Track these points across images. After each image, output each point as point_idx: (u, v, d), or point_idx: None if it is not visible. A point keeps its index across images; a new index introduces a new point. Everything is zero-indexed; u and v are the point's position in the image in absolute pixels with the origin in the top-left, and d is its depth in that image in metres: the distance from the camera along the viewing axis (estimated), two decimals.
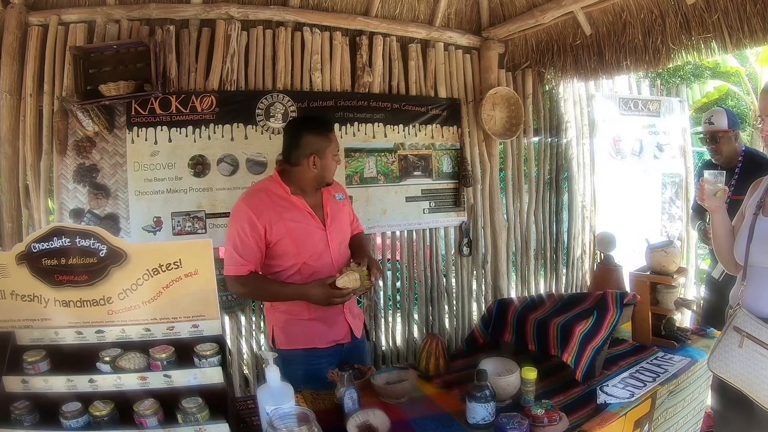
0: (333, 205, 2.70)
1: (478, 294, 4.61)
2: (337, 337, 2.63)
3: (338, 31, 3.83)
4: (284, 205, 2.53)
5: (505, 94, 4.42)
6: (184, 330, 1.80)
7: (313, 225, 2.57)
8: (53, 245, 1.76)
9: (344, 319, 2.66)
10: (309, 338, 2.57)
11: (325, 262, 2.58)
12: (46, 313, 1.78)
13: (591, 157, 5.05)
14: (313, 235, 2.56)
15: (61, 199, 3.19)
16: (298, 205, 2.56)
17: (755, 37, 3.31)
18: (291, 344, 2.58)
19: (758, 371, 1.99)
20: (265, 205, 2.50)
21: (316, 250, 2.57)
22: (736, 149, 3.56)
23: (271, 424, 1.38)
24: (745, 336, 2.05)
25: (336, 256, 2.63)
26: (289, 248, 2.52)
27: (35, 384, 1.67)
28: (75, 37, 3.16)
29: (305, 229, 2.55)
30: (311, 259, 2.55)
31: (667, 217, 5.57)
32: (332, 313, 2.60)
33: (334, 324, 2.63)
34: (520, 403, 2.00)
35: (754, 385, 2.01)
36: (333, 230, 2.64)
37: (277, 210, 2.50)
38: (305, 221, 2.56)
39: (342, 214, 2.75)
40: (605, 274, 3.22)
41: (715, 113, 3.61)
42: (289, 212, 2.53)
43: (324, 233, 2.60)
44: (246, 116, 3.55)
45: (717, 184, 2.24)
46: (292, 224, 2.51)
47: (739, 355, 2.05)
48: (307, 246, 2.55)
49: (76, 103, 3.05)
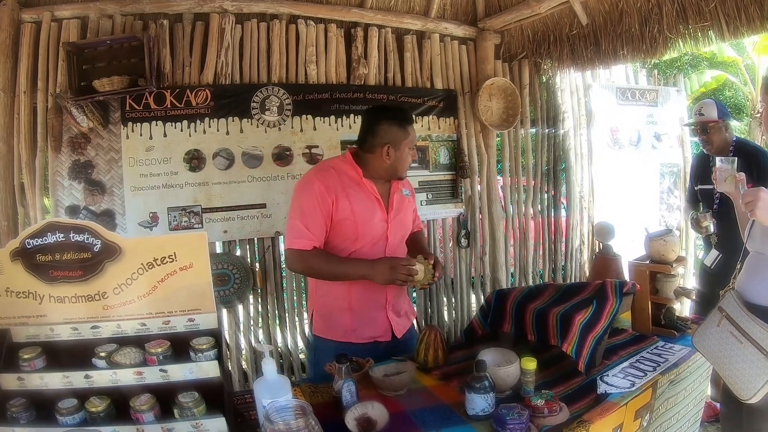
0: (399, 197, 2.64)
1: (476, 285, 4.61)
2: (375, 334, 2.57)
3: (333, 23, 3.81)
4: (353, 186, 2.48)
5: (502, 85, 4.40)
6: (180, 324, 1.79)
7: (377, 212, 2.52)
8: (47, 241, 1.75)
9: (385, 315, 2.58)
10: (345, 331, 2.53)
11: (378, 252, 2.52)
12: (41, 310, 1.77)
13: (588, 147, 5.05)
14: (374, 222, 2.50)
15: (56, 196, 3.18)
16: (368, 188, 2.51)
17: (752, 26, 3.30)
18: (326, 333, 2.57)
19: (727, 350, 2.03)
20: (334, 180, 2.45)
21: (373, 238, 2.52)
22: (726, 139, 3.57)
23: (267, 418, 1.37)
24: (724, 316, 2.08)
25: (392, 249, 2.58)
26: (349, 231, 2.46)
27: (31, 381, 1.66)
28: (68, 33, 3.15)
29: (368, 214, 2.48)
30: (366, 247, 2.49)
31: (665, 207, 5.56)
32: (373, 309, 2.56)
33: (374, 320, 2.57)
34: (519, 394, 1.98)
35: (722, 364, 2.05)
36: (395, 223, 2.58)
37: (345, 188, 2.45)
38: (371, 206, 2.50)
39: (406, 209, 2.69)
40: (604, 263, 3.21)
41: (704, 104, 3.63)
42: (357, 193, 2.47)
43: (385, 223, 2.54)
44: (241, 110, 3.55)
45: (728, 170, 2.25)
46: (357, 206, 2.45)
47: (716, 332, 2.09)
48: (366, 232, 2.49)
49: (70, 100, 3.03)
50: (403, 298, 2.70)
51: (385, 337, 2.59)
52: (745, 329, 1.98)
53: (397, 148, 2.47)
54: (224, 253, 3.60)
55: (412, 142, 2.53)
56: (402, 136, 2.47)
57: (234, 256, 3.60)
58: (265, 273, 3.71)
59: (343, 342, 2.50)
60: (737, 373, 1.98)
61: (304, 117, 3.77)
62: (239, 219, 3.56)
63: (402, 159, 2.50)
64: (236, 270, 3.55)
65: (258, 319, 3.73)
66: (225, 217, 3.53)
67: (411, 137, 2.51)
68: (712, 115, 3.54)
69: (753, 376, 1.93)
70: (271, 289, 3.76)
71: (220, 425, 1.57)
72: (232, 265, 3.55)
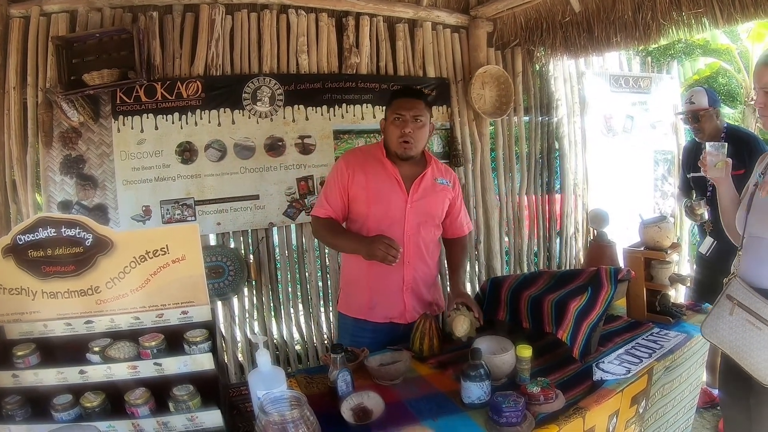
0: (429, 183, 2.62)
1: (471, 274, 4.61)
2: (391, 315, 2.59)
3: (324, 13, 3.79)
4: (373, 164, 2.56)
5: (495, 73, 4.39)
6: (174, 317, 1.79)
7: (395, 192, 2.54)
8: (39, 236, 1.74)
9: (401, 298, 2.59)
10: (362, 308, 2.60)
11: (396, 231, 2.51)
12: (34, 306, 1.77)
13: (582, 134, 5.05)
14: (389, 199, 2.53)
15: (48, 191, 3.16)
16: (388, 167, 2.55)
17: (746, 12, 3.30)
18: (347, 309, 2.69)
19: (746, 338, 2.02)
20: (356, 159, 2.59)
21: (389, 216, 2.53)
22: (718, 127, 3.56)
23: (262, 409, 1.37)
24: (736, 304, 2.07)
25: (411, 231, 2.57)
26: (361, 206, 2.54)
27: (26, 378, 1.65)
28: (57, 27, 3.12)
29: (383, 190, 2.52)
30: (382, 225, 2.51)
31: (659, 193, 5.58)
32: (390, 289, 2.58)
33: (391, 300, 2.59)
34: (515, 382, 1.99)
35: (742, 353, 2.04)
36: (416, 206, 2.56)
37: (365, 165, 2.55)
38: (387, 183, 2.54)
39: (435, 196, 2.65)
40: (599, 250, 3.23)
41: (695, 93, 3.61)
42: (377, 171, 2.54)
43: (404, 201, 2.54)
44: (233, 101, 3.53)
45: (718, 155, 2.25)
46: (372, 182, 2.52)
47: (730, 322, 2.08)
48: (380, 211, 2.52)
49: (61, 94, 3.01)
50: (431, 290, 2.73)
51: (401, 319, 2.60)
52: (763, 315, 1.98)
53: (387, 120, 2.57)
54: (218, 246, 3.59)
55: (395, 114, 2.52)
56: (389, 107, 2.57)
57: (228, 248, 3.59)
58: (260, 265, 3.70)
59: (360, 319, 2.61)
60: (759, 360, 1.98)
61: (296, 107, 3.74)
62: (232, 211, 3.55)
63: (388, 130, 2.56)
64: (230, 262, 3.54)
65: (253, 311, 3.73)
66: (218, 209, 3.52)
67: (394, 106, 2.54)
68: (703, 103, 3.53)
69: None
70: (265, 280, 3.75)
71: (216, 418, 1.57)
72: (226, 258, 3.54)
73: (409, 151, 2.52)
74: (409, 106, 2.49)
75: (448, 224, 2.78)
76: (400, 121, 2.49)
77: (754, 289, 2.03)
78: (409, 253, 2.57)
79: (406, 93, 2.60)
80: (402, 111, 2.49)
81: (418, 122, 2.50)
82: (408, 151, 2.52)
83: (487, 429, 1.71)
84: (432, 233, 2.67)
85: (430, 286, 2.73)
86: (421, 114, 2.51)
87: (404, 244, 2.52)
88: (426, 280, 2.68)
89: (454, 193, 2.76)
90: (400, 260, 2.46)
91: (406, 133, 2.48)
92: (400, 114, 2.49)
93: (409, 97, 2.55)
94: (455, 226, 2.80)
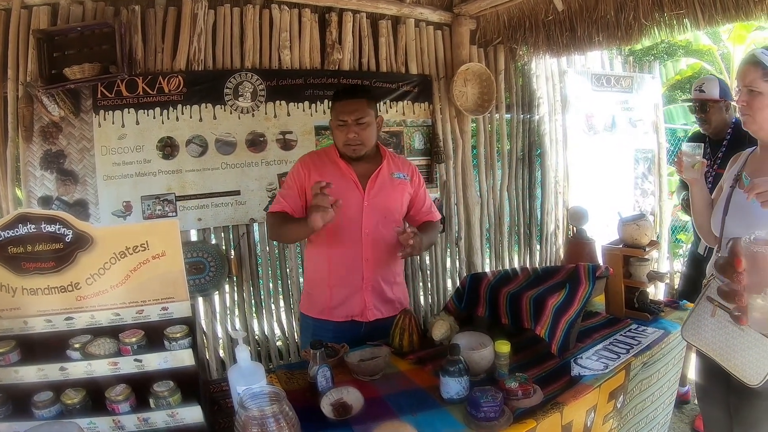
0: (385, 179, 2.63)
1: (452, 271, 4.65)
2: (351, 313, 2.60)
3: (307, 8, 3.78)
4: (329, 165, 2.58)
5: (477, 71, 4.41)
6: (154, 313, 1.79)
7: (350, 189, 2.55)
8: (19, 232, 1.73)
9: (362, 295, 2.61)
10: (324, 308, 2.62)
11: (353, 233, 2.56)
12: (14, 303, 1.75)
13: (564, 132, 5.09)
14: (344, 197, 2.44)
15: (28, 187, 3.13)
16: (342, 168, 2.57)
17: (728, 14, 3.34)
18: (308, 310, 2.70)
19: (728, 340, 2.04)
20: (312, 160, 2.62)
21: (346, 215, 2.50)
22: (725, 120, 3.43)
23: (242, 405, 1.38)
24: (717, 306, 2.08)
25: (369, 228, 2.57)
26: None
27: (6, 375, 1.64)
28: (38, 20, 3.08)
29: (338, 190, 2.42)
30: (340, 224, 2.48)
31: (639, 192, 5.64)
32: (351, 286, 2.59)
33: (351, 298, 2.60)
34: (494, 377, 2.01)
35: (724, 354, 2.05)
36: (373, 203, 2.58)
37: (321, 167, 2.57)
38: (343, 183, 2.52)
39: (394, 191, 2.66)
40: (578, 248, 3.25)
41: (706, 81, 3.47)
42: (330, 171, 2.56)
43: (361, 201, 2.56)
44: (214, 96, 3.51)
45: (695, 156, 2.26)
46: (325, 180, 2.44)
47: (711, 324, 2.09)
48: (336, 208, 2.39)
49: (41, 88, 2.98)
50: (393, 285, 2.71)
51: (362, 317, 2.61)
52: None
53: (332, 124, 2.57)
54: (199, 241, 3.58)
55: (339, 116, 2.52)
56: (332, 110, 2.58)
57: (209, 244, 3.59)
58: (240, 261, 3.70)
59: (320, 319, 2.62)
60: (743, 361, 1.99)
61: (277, 103, 3.74)
62: (213, 206, 3.55)
63: (334, 134, 2.58)
64: (211, 258, 3.54)
65: (234, 307, 3.73)
66: (199, 204, 3.51)
67: (336, 111, 2.54)
68: (714, 93, 3.38)
69: (760, 360, 1.94)
70: (246, 276, 3.74)
71: (196, 414, 1.57)
72: (207, 254, 3.53)
73: (358, 152, 2.55)
74: (351, 110, 2.49)
75: (414, 214, 2.80)
76: (344, 127, 2.51)
77: None
78: (368, 251, 2.59)
79: (346, 94, 2.56)
80: (343, 116, 2.50)
81: (361, 124, 2.50)
82: (357, 153, 2.56)
83: (465, 424, 1.73)
84: (392, 231, 2.60)
85: (393, 284, 2.72)
86: (364, 115, 2.50)
87: (362, 242, 2.57)
88: (387, 278, 2.69)
89: (415, 185, 2.78)
90: (359, 258, 2.53)
91: (351, 138, 2.51)
92: (342, 120, 2.50)
93: (349, 99, 2.53)
94: (422, 215, 2.81)
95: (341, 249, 2.59)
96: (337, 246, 2.58)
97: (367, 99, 2.56)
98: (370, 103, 2.57)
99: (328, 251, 2.61)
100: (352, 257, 2.58)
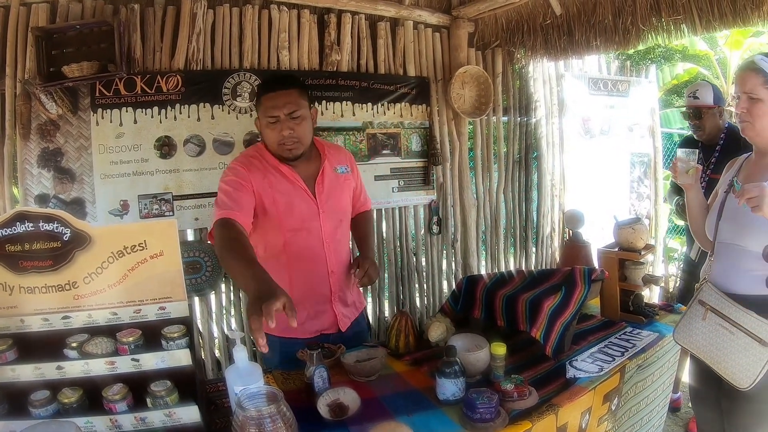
0: (331, 178, 2.43)
1: (448, 272, 4.66)
2: (320, 327, 2.44)
3: (306, 9, 3.77)
4: (272, 172, 2.29)
5: (475, 73, 4.42)
6: (151, 313, 1.79)
7: (303, 199, 2.32)
8: (17, 231, 1.73)
9: (331, 308, 2.45)
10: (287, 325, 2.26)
11: (313, 244, 2.36)
12: (11, 301, 1.75)
13: (560, 136, 5.10)
14: (300, 209, 2.30)
15: (25, 185, 3.12)
16: (287, 174, 2.30)
17: (725, 20, 3.35)
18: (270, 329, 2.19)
19: (719, 343, 2.06)
20: (256, 168, 2.27)
21: (303, 226, 2.32)
22: (719, 126, 3.44)
23: (239, 405, 1.39)
24: (708, 309, 2.11)
25: (329, 236, 2.40)
26: (274, 221, 2.27)
27: (3, 374, 1.65)
28: (37, 17, 3.06)
29: (292, 201, 2.28)
30: (297, 237, 2.31)
31: (635, 195, 5.66)
32: (319, 301, 2.42)
33: (321, 313, 2.44)
34: (489, 379, 2.02)
35: (715, 357, 2.08)
36: (327, 208, 2.37)
37: (268, 177, 2.26)
38: (294, 193, 2.30)
39: (342, 189, 2.47)
40: (574, 251, 3.27)
41: (700, 87, 3.47)
42: (276, 179, 2.28)
43: (315, 208, 2.34)
44: (212, 96, 3.50)
45: (689, 162, 2.28)
46: (278, 195, 2.26)
47: (702, 327, 2.11)
48: (292, 221, 2.29)
49: (39, 86, 2.97)
50: (350, 290, 2.57)
51: (332, 329, 2.48)
52: (735, 319, 2.01)
53: (261, 123, 2.30)
54: (196, 241, 3.58)
55: (267, 113, 2.23)
56: (258, 108, 2.29)
57: (205, 243, 3.57)
58: None
59: (286, 338, 2.28)
60: (733, 364, 2.01)
61: None
62: (210, 206, 3.51)
63: (265, 134, 2.29)
64: (208, 258, 3.53)
65: (230, 307, 3.72)
66: (196, 204, 3.50)
67: (265, 106, 2.24)
68: (708, 99, 3.39)
69: (750, 364, 1.97)
70: None
71: (193, 413, 1.58)
72: (204, 253, 3.53)
73: (295, 152, 2.28)
74: (282, 103, 2.21)
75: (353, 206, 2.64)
76: (276, 123, 2.23)
77: (729, 295, 2.07)
78: (332, 262, 2.43)
79: (274, 85, 2.27)
80: (274, 112, 2.21)
81: (296, 119, 2.24)
82: (294, 153, 2.28)
83: (461, 425, 1.74)
84: (345, 232, 2.54)
85: (352, 287, 2.58)
86: (297, 107, 2.23)
87: (325, 254, 2.40)
88: (347, 283, 2.53)
89: (356, 176, 2.62)
90: (325, 272, 2.39)
91: (286, 136, 2.23)
92: (274, 116, 2.22)
93: (279, 90, 2.24)
94: (357, 207, 2.69)
95: (303, 265, 2.37)
96: (299, 262, 2.35)
97: (299, 88, 2.30)
98: (302, 92, 2.30)
99: (290, 270, 2.35)
100: (317, 272, 2.41)
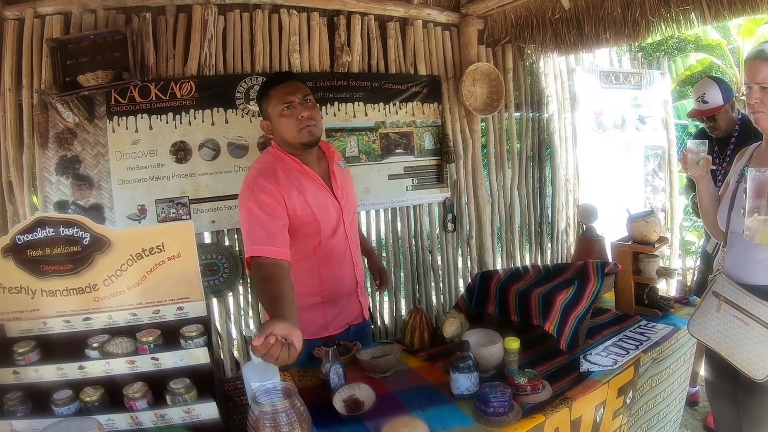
0: (339, 173, 2.44)
1: (463, 270, 4.67)
2: (349, 319, 2.52)
3: (316, 12, 3.81)
4: (298, 177, 2.26)
5: (486, 70, 4.42)
6: (170, 313, 1.83)
7: (327, 195, 2.32)
8: (37, 236, 1.78)
9: (357, 299, 2.56)
10: (320, 326, 2.38)
11: (339, 241, 2.38)
12: (33, 304, 1.81)
13: (573, 130, 5.07)
14: (329, 209, 2.31)
15: (44, 192, 3.18)
16: (309, 174, 2.29)
17: (734, 9, 3.31)
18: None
19: (734, 335, 2.05)
20: (281, 179, 2.22)
21: (332, 226, 2.33)
22: (733, 119, 3.40)
23: (254, 400, 1.42)
24: (722, 301, 2.09)
25: (351, 234, 2.45)
26: (312, 227, 2.27)
27: (26, 374, 1.69)
28: (51, 29, 3.13)
29: (322, 202, 2.27)
30: (327, 238, 2.33)
31: (650, 189, 5.62)
32: (346, 293, 2.49)
33: (348, 305, 2.52)
34: (503, 373, 2.02)
35: (731, 348, 2.06)
36: (345, 203, 2.40)
37: (294, 183, 2.23)
38: (320, 192, 2.30)
39: (349, 183, 2.50)
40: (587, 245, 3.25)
41: (706, 89, 3.41)
42: (305, 183, 2.27)
43: (338, 206, 2.36)
44: (226, 100, 3.54)
45: (699, 153, 2.26)
46: (309, 197, 2.24)
47: (717, 319, 2.10)
48: (326, 223, 2.30)
49: (56, 96, 3.03)
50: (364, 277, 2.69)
51: (357, 320, 2.58)
52: (750, 311, 2.00)
53: (273, 117, 2.27)
54: (213, 243, 3.62)
55: (282, 101, 2.23)
56: (268, 104, 2.29)
57: (222, 245, 3.62)
58: None
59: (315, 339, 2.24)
60: (749, 355, 2.00)
61: None
62: (227, 209, 3.57)
63: (281, 125, 2.26)
64: (225, 259, 3.57)
65: (248, 307, 3.76)
66: (212, 207, 3.54)
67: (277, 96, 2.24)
68: (717, 100, 3.34)
69: (766, 355, 1.96)
70: None
71: (211, 410, 1.61)
72: (221, 255, 3.57)
73: (316, 132, 2.27)
74: (294, 89, 2.24)
75: None
76: (292, 108, 2.22)
77: (744, 286, 2.05)
78: (355, 255, 2.51)
79: (281, 77, 2.32)
80: (289, 98, 2.22)
81: (309, 103, 2.26)
82: (315, 133, 2.27)
83: (475, 419, 1.75)
84: (356, 223, 2.61)
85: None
86: (308, 93, 2.28)
87: (350, 249, 2.46)
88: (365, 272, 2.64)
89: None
90: (351, 266, 2.46)
91: (306, 117, 2.22)
92: (289, 101, 2.22)
93: (287, 81, 2.28)
94: None
95: (334, 262, 2.41)
96: (330, 260, 2.39)
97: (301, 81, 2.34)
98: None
99: (320, 270, 2.38)
100: (345, 267, 2.46)
